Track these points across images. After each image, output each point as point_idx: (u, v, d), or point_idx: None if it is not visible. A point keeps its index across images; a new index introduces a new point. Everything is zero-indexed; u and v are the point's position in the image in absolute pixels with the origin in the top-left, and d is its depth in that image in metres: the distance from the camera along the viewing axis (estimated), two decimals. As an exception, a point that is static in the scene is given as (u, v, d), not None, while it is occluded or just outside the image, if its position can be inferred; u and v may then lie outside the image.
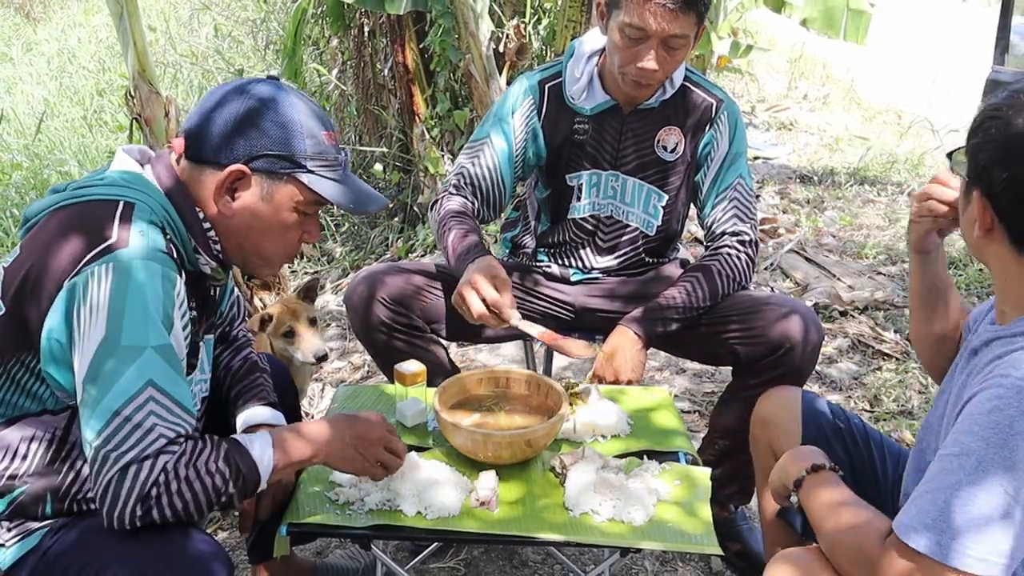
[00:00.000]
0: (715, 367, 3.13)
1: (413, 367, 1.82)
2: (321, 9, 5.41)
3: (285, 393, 1.79)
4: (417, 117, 4.92)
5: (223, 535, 2.39)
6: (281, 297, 3.07)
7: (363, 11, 5.10)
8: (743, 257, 2.06)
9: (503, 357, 3.38)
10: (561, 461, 1.59)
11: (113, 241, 1.28)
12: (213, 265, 1.45)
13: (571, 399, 1.77)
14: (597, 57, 2.06)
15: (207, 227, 1.42)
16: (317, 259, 5.15)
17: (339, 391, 1.99)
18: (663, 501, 1.53)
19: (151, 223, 1.34)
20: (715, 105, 2.09)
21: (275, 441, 1.35)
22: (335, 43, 5.58)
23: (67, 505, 1.37)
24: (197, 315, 1.46)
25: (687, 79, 2.09)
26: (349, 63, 5.55)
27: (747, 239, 2.08)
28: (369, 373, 3.36)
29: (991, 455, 1.07)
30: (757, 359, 1.95)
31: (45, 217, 1.37)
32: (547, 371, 2.59)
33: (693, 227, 3.99)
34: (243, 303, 1.81)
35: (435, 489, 1.51)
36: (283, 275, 3.44)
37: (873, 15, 4.84)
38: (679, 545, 1.44)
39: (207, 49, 7.92)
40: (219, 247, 1.44)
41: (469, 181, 2.11)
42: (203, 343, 1.52)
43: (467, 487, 1.55)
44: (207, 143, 1.38)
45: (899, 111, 7.52)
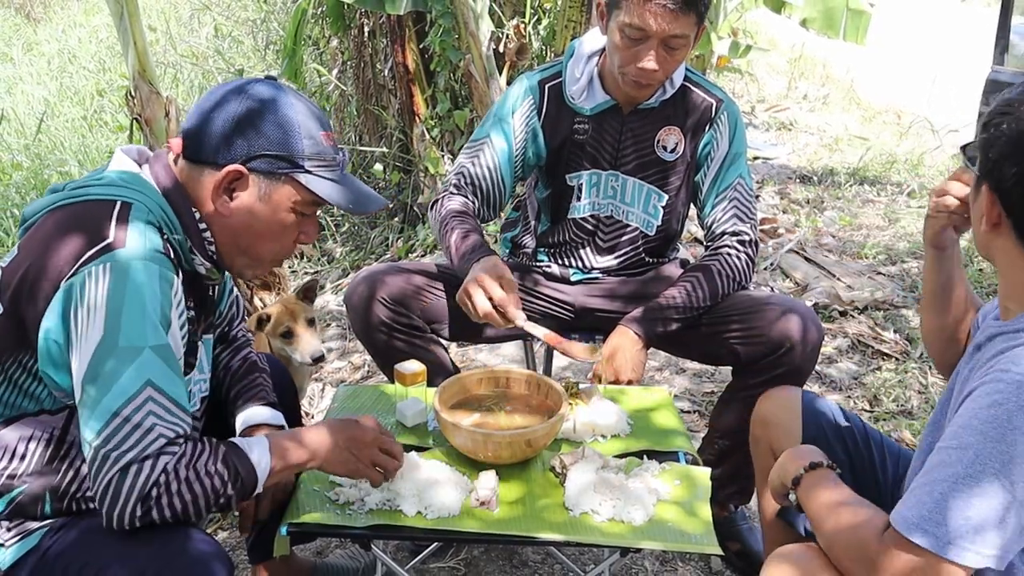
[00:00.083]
0: (715, 367, 3.13)
1: (413, 367, 1.82)
2: (321, 9, 5.42)
3: (285, 393, 1.80)
4: (417, 117, 4.92)
5: (223, 535, 2.39)
6: (280, 297, 3.07)
7: (363, 11, 5.10)
8: (743, 257, 2.06)
9: (503, 357, 3.38)
10: (561, 461, 1.59)
11: (110, 241, 1.28)
12: (207, 266, 1.45)
13: (571, 398, 1.77)
14: (597, 57, 2.06)
15: (203, 227, 1.42)
16: (317, 259, 5.15)
17: (339, 391, 1.99)
18: (663, 501, 1.53)
19: (148, 223, 1.34)
20: (715, 105, 2.09)
21: (272, 445, 1.36)
22: (335, 43, 5.59)
23: (66, 504, 1.37)
24: (195, 314, 1.46)
25: (687, 79, 2.09)
26: (349, 63, 5.55)
27: (747, 239, 2.08)
28: (369, 373, 3.36)
29: (989, 449, 1.08)
30: (757, 359, 1.95)
31: (43, 217, 1.37)
32: (547, 371, 2.59)
33: (693, 227, 3.99)
34: (242, 303, 1.81)
35: (435, 489, 1.51)
36: (283, 275, 3.43)
37: (873, 15, 4.85)
38: (679, 545, 1.44)
39: (207, 49, 7.93)
40: (213, 248, 1.44)
41: (469, 181, 2.11)
42: (202, 343, 1.52)
43: (467, 487, 1.55)
44: (205, 143, 1.38)
45: (899, 111, 7.52)
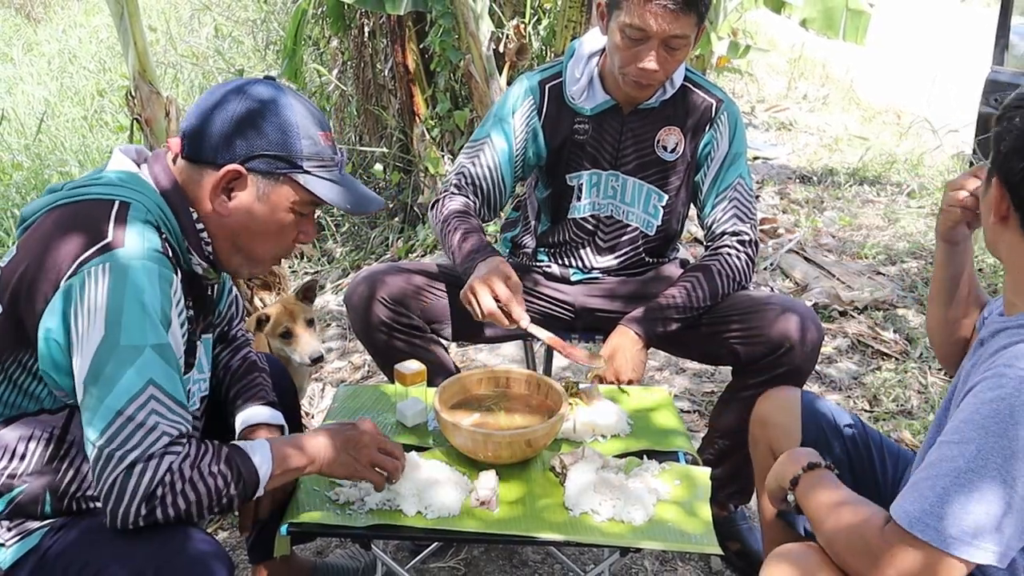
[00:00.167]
0: (715, 367, 3.13)
1: (413, 367, 1.82)
2: (321, 9, 5.42)
3: (284, 393, 1.80)
4: (417, 117, 4.92)
5: (223, 535, 2.39)
6: (280, 297, 3.07)
7: (363, 11, 5.10)
8: (743, 257, 2.06)
9: (503, 357, 3.38)
10: (561, 461, 1.59)
11: (109, 240, 1.28)
12: (204, 266, 1.45)
13: (571, 398, 1.77)
14: (597, 57, 2.06)
15: (200, 227, 1.42)
16: (317, 259, 5.16)
17: (339, 391, 1.99)
18: (663, 501, 1.53)
19: (146, 222, 1.34)
20: (715, 105, 2.09)
21: (273, 449, 1.36)
22: (335, 43, 5.59)
23: (66, 504, 1.37)
24: (194, 314, 1.47)
25: (687, 79, 2.09)
26: (349, 63, 5.55)
27: (747, 239, 2.08)
28: (369, 373, 3.36)
29: (991, 444, 1.07)
30: (757, 359, 1.95)
31: (41, 217, 1.37)
32: (547, 371, 2.59)
33: (693, 227, 3.99)
34: (242, 303, 1.81)
35: (435, 489, 1.51)
36: (283, 275, 3.44)
37: (872, 15, 4.85)
38: (679, 545, 1.44)
39: (207, 49, 7.93)
40: (210, 248, 1.44)
41: (470, 181, 2.11)
42: (200, 342, 1.52)
43: (467, 487, 1.55)
44: (205, 143, 1.38)
45: (898, 111, 7.52)
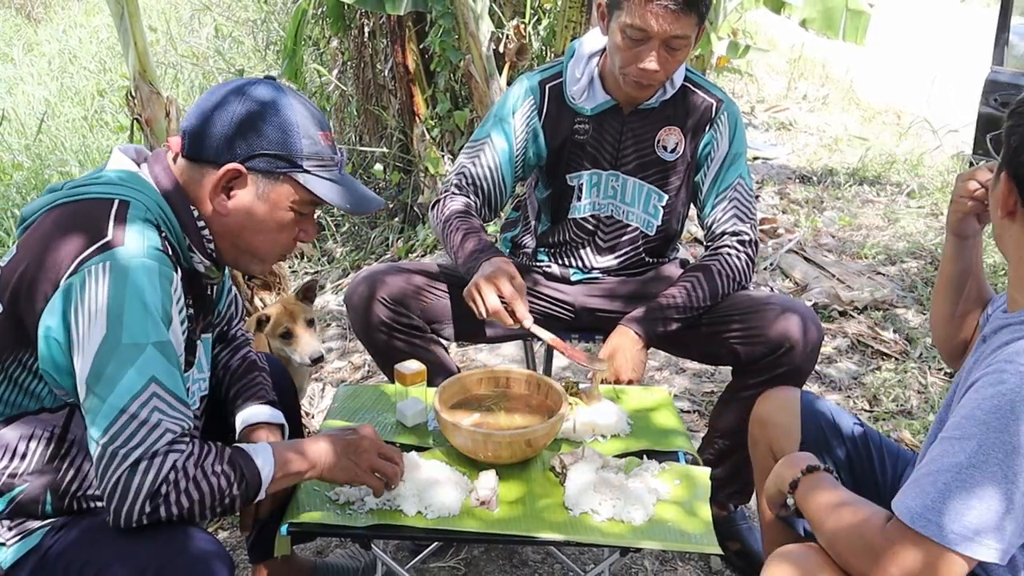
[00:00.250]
0: (715, 367, 3.13)
1: (413, 367, 1.82)
2: (321, 10, 5.42)
3: (285, 393, 1.80)
4: (417, 117, 4.92)
5: (224, 534, 2.39)
6: (280, 298, 3.07)
7: (363, 12, 5.10)
8: (743, 257, 2.06)
9: (503, 357, 3.38)
10: (561, 461, 1.59)
11: (109, 239, 1.29)
12: (207, 264, 1.46)
13: (571, 398, 1.77)
14: (597, 57, 2.06)
15: (201, 225, 1.42)
16: (317, 259, 5.16)
17: (339, 391, 1.99)
18: (663, 501, 1.53)
19: (146, 221, 1.35)
20: (715, 105, 2.10)
21: (275, 452, 1.37)
22: (335, 44, 5.59)
23: (67, 503, 1.38)
24: (193, 313, 1.47)
25: (687, 79, 2.09)
26: (349, 64, 5.55)
27: (747, 239, 2.08)
28: (369, 373, 3.36)
29: (992, 440, 1.07)
30: (757, 359, 1.95)
31: (41, 216, 1.37)
32: (547, 371, 2.59)
33: (693, 227, 3.99)
34: (241, 302, 1.81)
35: (435, 489, 1.51)
36: (283, 275, 3.43)
37: (872, 15, 4.85)
38: (679, 544, 1.44)
39: (208, 49, 7.93)
40: (212, 246, 1.45)
41: (470, 181, 2.12)
42: (200, 341, 1.52)
43: (467, 487, 1.55)
44: (205, 143, 1.38)
45: (898, 111, 7.52)
